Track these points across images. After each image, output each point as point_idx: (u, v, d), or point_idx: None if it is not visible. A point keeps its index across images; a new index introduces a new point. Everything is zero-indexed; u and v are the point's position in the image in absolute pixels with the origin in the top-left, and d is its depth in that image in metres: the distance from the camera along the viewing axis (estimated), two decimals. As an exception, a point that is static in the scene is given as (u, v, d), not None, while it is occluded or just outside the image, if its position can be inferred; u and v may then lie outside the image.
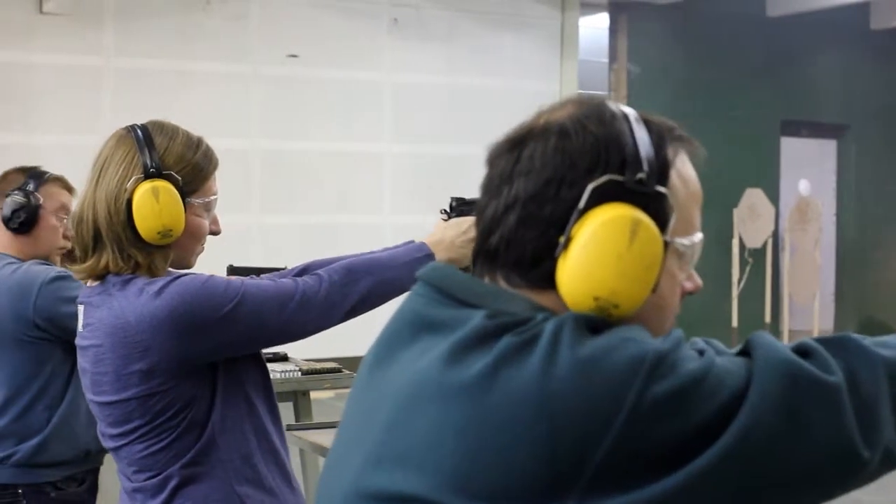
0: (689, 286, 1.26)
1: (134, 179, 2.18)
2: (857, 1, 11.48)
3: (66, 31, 8.97)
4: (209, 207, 2.29)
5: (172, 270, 2.27)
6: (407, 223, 9.87)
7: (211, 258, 2.47)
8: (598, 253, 1.15)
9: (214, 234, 2.32)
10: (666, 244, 1.19)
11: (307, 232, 9.76)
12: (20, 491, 3.21)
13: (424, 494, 1.10)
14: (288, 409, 4.22)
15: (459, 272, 1.24)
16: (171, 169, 2.21)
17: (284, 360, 4.74)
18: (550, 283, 1.18)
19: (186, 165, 2.24)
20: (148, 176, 2.19)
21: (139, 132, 2.23)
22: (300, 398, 4.61)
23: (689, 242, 1.23)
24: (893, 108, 12.88)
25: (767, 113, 12.16)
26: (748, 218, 11.53)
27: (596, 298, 1.15)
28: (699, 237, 1.25)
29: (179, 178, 2.22)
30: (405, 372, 1.18)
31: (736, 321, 11.39)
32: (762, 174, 12.03)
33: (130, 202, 2.17)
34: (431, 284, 1.24)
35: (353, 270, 2.29)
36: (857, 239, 13.02)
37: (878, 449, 1.17)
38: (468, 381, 1.11)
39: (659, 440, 1.07)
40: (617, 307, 1.16)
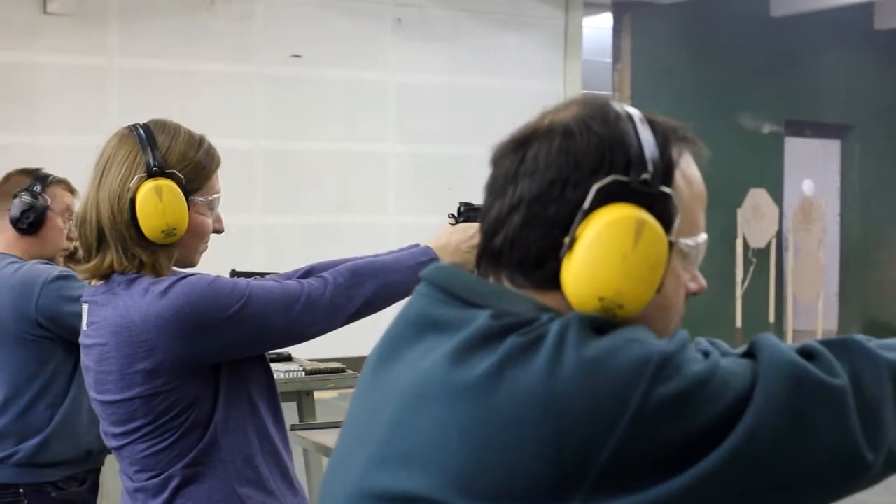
0: (693, 287, 1.26)
1: (137, 179, 2.18)
2: (861, 1, 11.47)
3: (70, 31, 8.98)
4: (212, 205, 2.29)
5: (177, 269, 2.27)
6: (410, 223, 9.87)
7: (214, 258, 2.47)
8: (602, 253, 1.15)
9: (218, 231, 2.32)
10: (671, 245, 1.18)
11: (311, 232, 9.76)
12: (21, 490, 3.21)
13: (429, 494, 1.10)
14: (291, 409, 4.22)
15: (464, 272, 1.24)
16: (173, 167, 2.21)
17: (288, 360, 4.74)
18: (555, 283, 1.18)
19: (189, 164, 2.24)
20: (151, 175, 2.18)
21: (141, 131, 2.23)
22: (304, 398, 4.61)
23: (693, 243, 1.23)
24: (897, 108, 12.89)
25: (771, 113, 12.16)
26: (752, 218, 11.52)
27: (601, 299, 1.15)
28: (704, 238, 1.25)
29: (182, 176, 2.21)
30: (409, 372, 1.18)
31: (740, 321, 11.38)
32: (766, 174, 12.02)
33: (134, 201, 2.17)
34: (436, 284, 1.23)
35: (357, 273, 2.28)
36: (860, 239, 13.01)
37: (882, 451, 1.17)
38: (473, 381, 1.11)
39: (664, 441, 1.07)
40: (622, 307, 1.16)
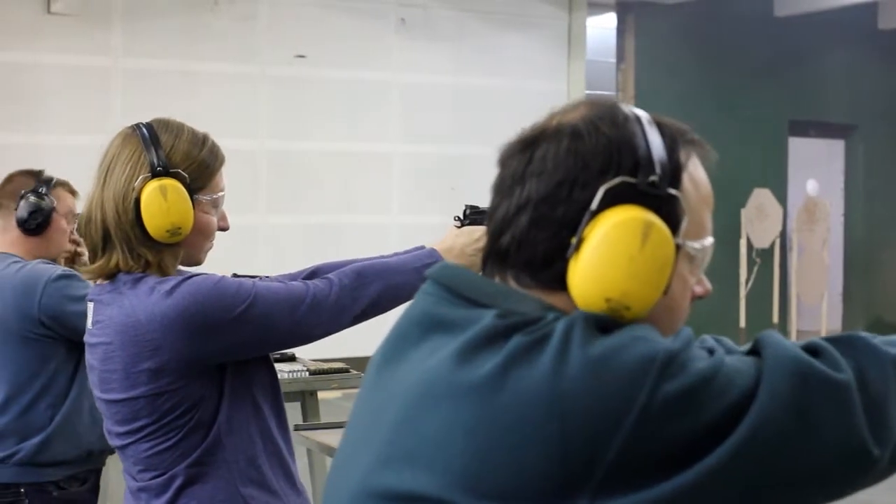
0: (698, 290, 1.26)
1: (141, 178, 2.18)
2: (864, 1, 11.46)
3: (73, 31, 8.99)
4: (217, 204, 2.29)
5: (183, 269, 2.27)
6: (414, 223, 9.88)
7: (218, 258, 2.47)
8: (609, 254, 1.15)
9: (223, 230, 2.32)
10: (677, 247, 1.18)
11: (314, 232, 9.77)
12: (23, 490, 3.21)
13: (434, 494, 1.10)
14: (295, 409, 4.22)
15: (469, 272, 1.24)
16: (177, 167, 2.21)
17: (292, 360, 4.74)
18: (561, 284, 1.18)
19: (193, 162, 2.23)
20: (155, 174, 2.18)
21: (144, 130, 2.22)
22: (308, 398, 4.61)
23: (700, 246, 1.23)
24: (902, 108, 12.88)
25: (775, 113, 12.15)
26: (756, 218, 11.52)
27: (607, 300, 1.15)
28: (710, 241, 1.25)
29: (186, 175, 2.21)
30: (414, 371, 1.18)
31: (744, 321, 11.38)
32: (770, 174, 12.01)
33: (138, 201, 2.17)
34: (441, 284, 1.23)
35: (362, 275, 2.28)
36: (864, 239, 13.01)
37: (888, 446, 1.17)
38: (478, 380, 1.11)
39: (669, 439, 1.07)
40: (628, 309, 1.16)
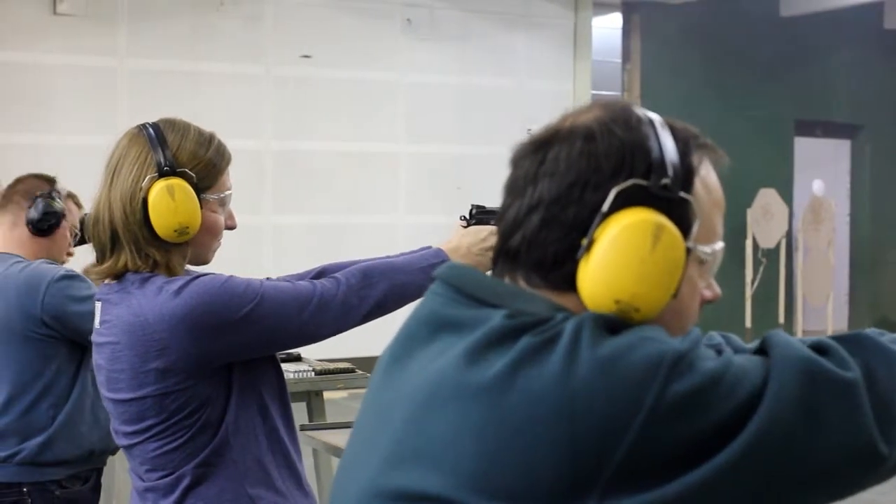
0: (708, 294, 1.26)
1: (148, 178, 2.18)
2: (870, 0, 11.45)
3: (79, 31, 9.00)
4: (224, 203, 2.29)
5: (191, 268, 2.27)
6: (419, 223, 9.88)
7: (223, 258, 2.47)
8: (620, 256, 1.15)
9: (230, 228, 2.32)
10: (688, 251, 1.18)
11: (319, 232, 9.77)
12: (25, 490, 3.22)
13: (443, 494, 1.10)
14: (301, 409, 4.22)
15: (478, 272, 1.24)
16: (184, 166, 2.21)
17: (298, 360, 4.75)
18: (571, 285, 1.18)
19: (200, 162, 2.24)
20: (162, 174, 2.18)
21: (151, 131, 2.23)
22: (313, 398, 4.61)
23: (710, 250, 1.23)
24: (908, 107, 12.86)
25: (781, 113, 12.14)
26: (762, 218, 11.51)
27: (617, 301, 1.15)
28: (720, 245, 1.25)
29: (193, 174, 2.21)
30: (423, 371, 1.18)
31: (749, 321, 11.37)
32: (776, 174, 12.00)
33: (146, 201, 2.17)
34: (450, 284, 1.23)
35: (369, 274, 2.28)
36: (870, 239, 12.99)
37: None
38: (487, 381, 1.11)
39: (678, 439, 1.07)
40: (638, 311, 1.16)
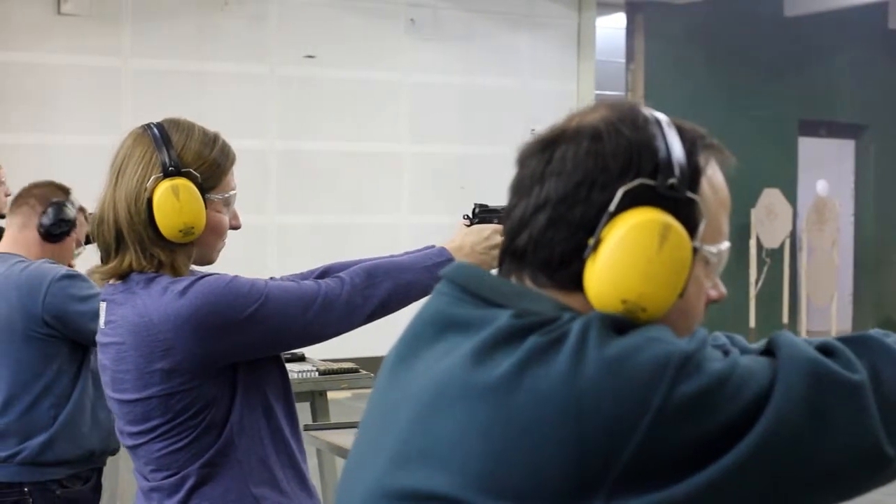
0: (713, 294, 1.26)
1: (153, 178, 2.18)
2: (874, 0, 11.44)
3: (83, 31, 9.00)
4: (229, 202, 2.29)
5: (196, 268, 2.28)
6: (423, 223, 9.88)
7: (228, 258, 2.47)
8: (627, 256, 1.15)
9: (235, 228, 2.32)
10: (694, 250, 1.19)
11: (323, 232, 9.77)
12: (26, 489, 3.23)
13: (450, 494, 1.10)
14: (305, 409, 4.22)
15: (484, 271, 1.24)
16: (189, 166, 2.21)
17: (302, 360, 4.75)
18: (578, 284, 1.18)
19: (204, 162, 2.24)
20: (167, 174, 2.18)
21: (156, 130, 2.23)
22: (317, 398, 4.62)
23: (716, 250, 1.23)
24: (912, 108, 12.85)
25: (785, 113, 12.13)
26: (766, 218, 11.51)
27: (624, 301, 1.15)
28: (726, 246, 1.25)
29: (198, 174, 2.21)
30: (429, 371, 1.17)
31: (754, 322, 11.37)
32: (780, 174, 11.99)
33: (151, 201, 2.17)
34: (456, 283, 1.23)
35: (373, 274, 2.28)
36: (875, 239, 12.98)
37: (902, 445, 1.17)
38: (494, 381, 1.11)
39: (685, 440, 1.07)
40: (644, 310, 1.16)
